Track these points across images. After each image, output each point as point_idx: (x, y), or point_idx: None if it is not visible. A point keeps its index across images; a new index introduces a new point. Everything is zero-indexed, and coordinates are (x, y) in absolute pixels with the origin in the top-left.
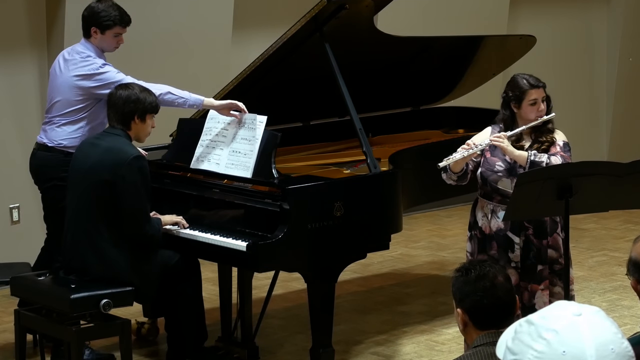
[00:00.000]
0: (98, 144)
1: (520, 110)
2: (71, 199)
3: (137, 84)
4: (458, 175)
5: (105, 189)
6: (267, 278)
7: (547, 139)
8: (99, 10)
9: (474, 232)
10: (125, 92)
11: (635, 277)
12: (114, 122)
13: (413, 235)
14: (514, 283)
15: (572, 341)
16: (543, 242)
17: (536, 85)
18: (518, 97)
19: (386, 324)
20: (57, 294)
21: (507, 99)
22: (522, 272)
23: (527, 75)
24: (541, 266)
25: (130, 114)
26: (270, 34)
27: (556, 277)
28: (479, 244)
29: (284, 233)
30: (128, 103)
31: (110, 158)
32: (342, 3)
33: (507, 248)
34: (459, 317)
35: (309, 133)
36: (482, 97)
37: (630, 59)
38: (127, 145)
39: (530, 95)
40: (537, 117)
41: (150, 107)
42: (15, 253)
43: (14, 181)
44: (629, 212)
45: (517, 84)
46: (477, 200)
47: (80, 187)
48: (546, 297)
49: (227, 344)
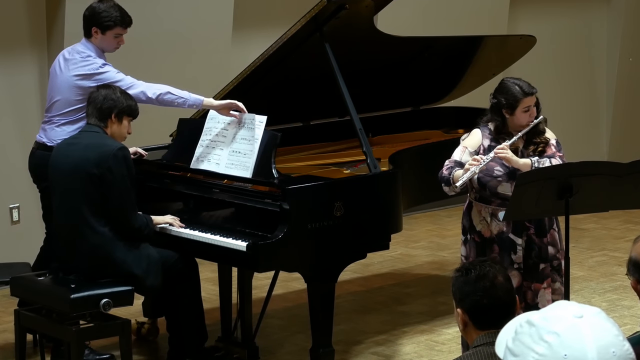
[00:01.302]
0: (76, 143)
1: (513, 116)
2: (56, 200)
3: (119, 88)
4: (462, 187)
5: (93, 184)
6: (267, 278)
7: (541, 140)
8: (100, 10)
9: (470, 236)
10: (105, 90)
11: (635, 277)
12: (91, 118)
13: (413, 235)
14: (517, 284)
15: (573, 344)
16: (543, 240)
17: (529, 92)
18: (512, 105)
19: (386, 324)
20: (57, 294)
21: (499, 106)
22: (525, 272)
23: (519, 81)
24: (543, 264)
25: (107, 110)
26: (270, 34)
27: (556, 273)
28: (477, 247)
29: (284, 233)
30: (107, 100)
31: (95, 153)
32: (342, 3)
33: (509, 250)
34: (459, 317)
35: (309, 133)
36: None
37: (630, 59)
38: (108, 139)
39: (524, 103)
40: (529, 123)
41: (128, 109)
42: (15, 253)
43: (14, 181)
44: (629, 212)
45: (509, 91)
46: (470, 204)
47: (64, 187)
48: (549, 294)
49: (227, 344)
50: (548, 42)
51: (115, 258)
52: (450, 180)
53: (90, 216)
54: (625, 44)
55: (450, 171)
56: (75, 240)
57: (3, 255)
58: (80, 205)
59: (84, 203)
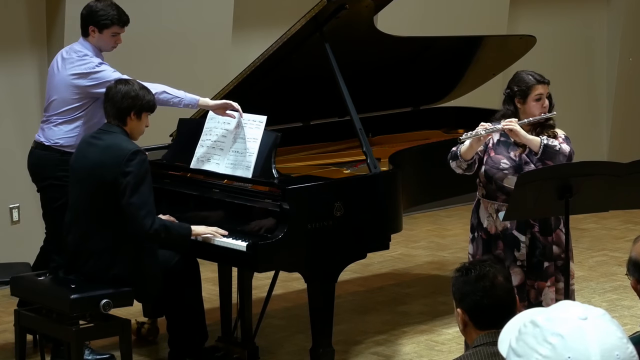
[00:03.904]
0: (95, 143)
1: (525, 105)
2: (72, 199)
3: (136, 81)
4: (468, 162)
5: (106, 189)
6: (267, 278)
7: (549, 134)
8: (97, 9)
9: (477, 233)
10: (124, 87)
11: (635, 277)
12: (110, 117)
13: (413, 235)
14: (520, 282)
15: (577, 346)
16: (548, 238)
17: (542, 80)
18: (524, 92)
19: (386, 324)
20: (57, 294)
21: (512, 94)
22: (529, 270)
23: (532, 72)
24: (547, 263)
25: (127, 109)
26: (270, 34)
27: (560, 273)
28: (484, 244)
29: (284, 233)
30: (126, 98)
31: (109, 157)
32: (342, 3)
33: (513, 247)
34: (459, 317)
35: (309, 133)
36: (482, 97)
37: (630, 59)
38: (125, 141)
39: (536, 90)
40: (541, 113)
41: (147, 105)
42: (15, 253)
43: (14, 181)
44: (629, 212)
45: (522, 79)
46: (478, 202)
47: (81, 188)
48: (552, 293)
49: (227, 344)
50: (548, 42)
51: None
52: (457, 154)
53: (100, 219)
54: (625, 44)
55: (458, 147)
56: (82, 240)
57: (3, 255)
58: (91, 207)
59: (95, 206)
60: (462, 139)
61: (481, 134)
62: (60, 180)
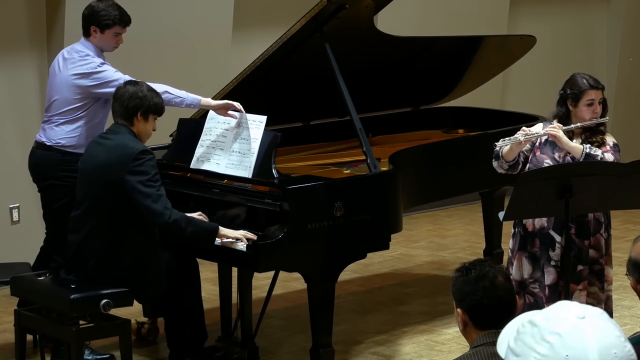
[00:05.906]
0: (103, 143)
1: (577, 109)
2: (79, 197)
3: (146, 83)
4: (510, 164)
5: (113, 188)
6: (267, 278)
7: (597, 140)
8: (99, 9)
9: (517, 229)
10: (132, 87)
11: (635, 277)
12: (117, 116)
13: (413, 235)
14: (552, 281)
15: (575, 345)
16: (585, 242)
17: (595, 86)
18: (576, 95)
19: (386, 324)
20: (56, 294)
21: (565, 96)
22: (562, 271)
23: (587, 76)
24: (581, 266)
25: (134, 109)
26: (270, 34)
27: (594, 277)
28: (521, 240)
29: (284, 233)
30: (133, 98)
31: (116, 157)
32: (342, 3)
33: (548, 246)
34: (459, 317)
35: (309, 133)
36: (482, 97)
37: (630, 59)
38: (132, 141)
39: (589, 95)
40: (592, 118)
41: (154, 107)
42: (15, 253)
43: (14, 181)
44: (629, 212)
45: (576, 82)
46: None
47: (88, 187)
48: (583, 297)
49: (227, 344)
50: (548, 42)
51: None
52: (500, 154)
53: (101, 221)
54: (625, 44)
55: (501, 147)
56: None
57: (3, 255)
58: (97, 207)
59: (101, 206)
60: (499, 145)
61: (520, 140)
62: (62, 181)
